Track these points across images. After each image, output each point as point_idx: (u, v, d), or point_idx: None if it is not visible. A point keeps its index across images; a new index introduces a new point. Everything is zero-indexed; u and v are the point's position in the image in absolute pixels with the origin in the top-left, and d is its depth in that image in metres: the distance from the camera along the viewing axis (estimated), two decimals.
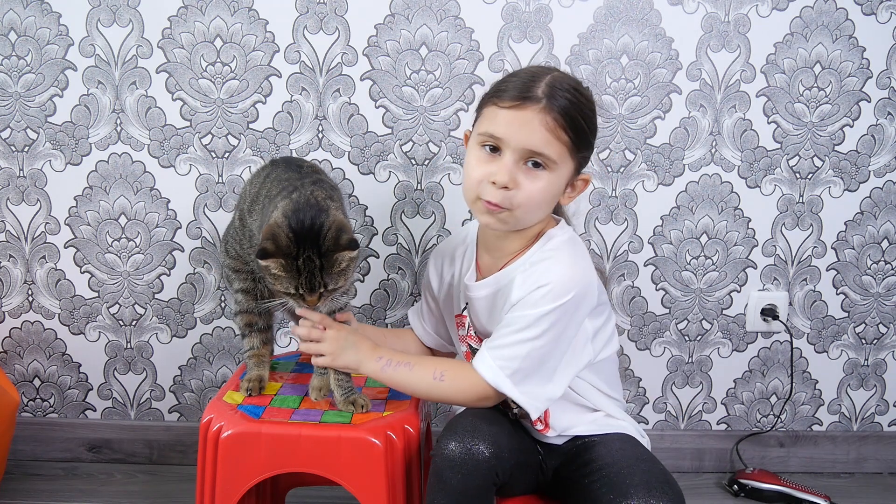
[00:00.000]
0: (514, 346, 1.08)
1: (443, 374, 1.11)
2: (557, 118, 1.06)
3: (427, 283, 1.34)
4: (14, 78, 1.58)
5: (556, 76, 1.10)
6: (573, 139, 1.08)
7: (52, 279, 1.67)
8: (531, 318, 1.07)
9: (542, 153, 1.07)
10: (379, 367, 1.13)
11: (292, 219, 1.05)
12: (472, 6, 1.56)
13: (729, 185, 1.66)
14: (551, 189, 1.10)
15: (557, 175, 1.10)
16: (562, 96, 1.07)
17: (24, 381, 1.73)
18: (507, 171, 1.07)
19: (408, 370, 1.13)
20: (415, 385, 1.14)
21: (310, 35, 1.57)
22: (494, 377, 1.09)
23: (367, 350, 1.15)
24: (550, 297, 1.07)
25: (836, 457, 1.80)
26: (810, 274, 1.72)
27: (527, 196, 1.08)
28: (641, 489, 1.00)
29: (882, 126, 1.66)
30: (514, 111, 1.07)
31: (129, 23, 1.56)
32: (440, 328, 1.36)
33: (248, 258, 1.26)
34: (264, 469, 1.12)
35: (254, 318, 1.29)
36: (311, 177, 1.19)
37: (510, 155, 1.08)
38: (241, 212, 1.27)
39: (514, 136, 1.07)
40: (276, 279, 1.07)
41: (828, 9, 1.59)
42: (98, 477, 1.69)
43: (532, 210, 1.10)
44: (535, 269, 1.11)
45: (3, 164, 1.62)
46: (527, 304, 1.08)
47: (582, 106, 1.09)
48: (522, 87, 1.08)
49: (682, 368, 1.75)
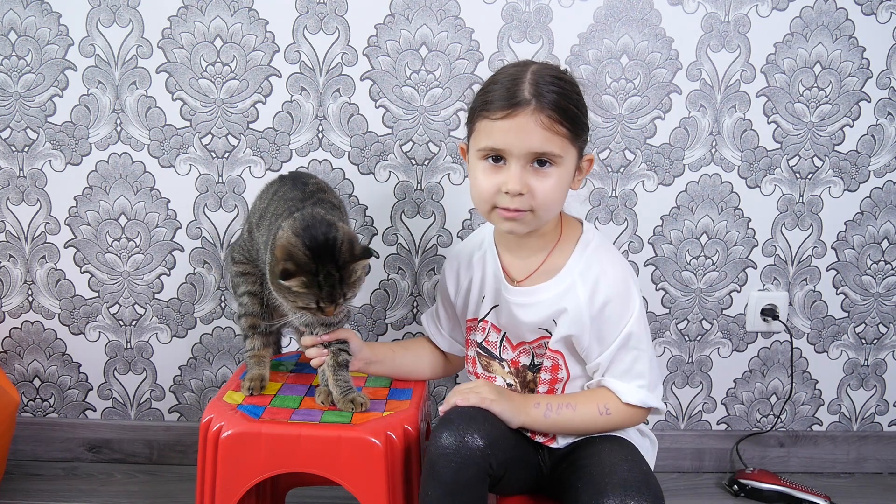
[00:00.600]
0: (637, 364, 1.14)
1: (607, 408, 1.14)
2: (551, 114, 1.07)
3: (443, 289, 1.33)
4: (14, 78, 1.58)
5: (536, 70, 1.10)
6: (570, 129, 1.09)
7: (52, 279, 1.67)
8: (625, 334, 1.13)
9: (545, 152, 1.08)
10: (541, 414, 1.14)
11: (305, 236, 1.08)
12: (472, 6, 1.56)
13: (729, 185, 1.66)
14: (563, 182, 1.12)
15: (565, 167, 1.11)
16: (548, 91, 1.08)
17: (24, 381, 1.73)
18: (517, 179, 1.08)
19: (571, 411, 1.14)
20: (581, 424, 1.16)
21: (310, 35, 1.57)
22: (644, 399, 1.14)
23: (521, 398, 1.16)
24: (623, 305, 1.13)
25: (836, 457, 1.80)
26: (810, 274, 1.72)
27: (543, 196, 1.10)
28: (619, 488, 1.00)
29: (882, 126, 1.66)
30: (507, 120, 1.08)
31: (129, 23, 1.56)
32: (457, 333, 1.35)
33: (259, 263, 1.27)
34: (264, 469, 1.12)
35: (257, 321, 1.30)
36: (314, 196, 1.21)
37: (516, 162, 1.09)
38: (251, 224, 1.29)
39: (515, 144, 1.08)
40: (297, 296, 1.08)
41: (828, 9, 1.59)
42: (98, 477, 1.69)
43: (551, 206, 1.13)
44: (590, 275, 1.15)
45: (3, 164, 1.62)
46: (611, 323, 1.14)
47: (569, 93, 1.10)
48: (508, 93, 1.09)
49: (682, 368, 1.75)
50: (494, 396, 1.11)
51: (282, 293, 1.11)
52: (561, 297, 1.16)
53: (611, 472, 1.04)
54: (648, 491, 1.01)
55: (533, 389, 1.21)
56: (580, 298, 1.14)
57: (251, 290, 1.29)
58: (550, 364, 1.18)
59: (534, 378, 1.21)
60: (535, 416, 1.13)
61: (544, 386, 1.19)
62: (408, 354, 1.34)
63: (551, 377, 1.19)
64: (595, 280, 1.14)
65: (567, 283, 1.16)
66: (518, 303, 1.19)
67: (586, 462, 1.10)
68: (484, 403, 1.09)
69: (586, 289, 1.14)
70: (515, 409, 1.12)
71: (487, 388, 1.13)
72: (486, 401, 1.09)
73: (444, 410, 1.09)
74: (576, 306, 1.14)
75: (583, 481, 1.06)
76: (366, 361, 1.26)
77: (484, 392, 1.11)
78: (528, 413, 1.13)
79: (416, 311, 1.70)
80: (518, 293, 1.20)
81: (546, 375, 1.19)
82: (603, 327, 1.14)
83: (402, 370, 1.32)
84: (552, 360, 1.18)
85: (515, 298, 1.20)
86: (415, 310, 1.70)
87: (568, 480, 1.11)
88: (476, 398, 1.09)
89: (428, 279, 1.69)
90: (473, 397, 1.09)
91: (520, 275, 1.21)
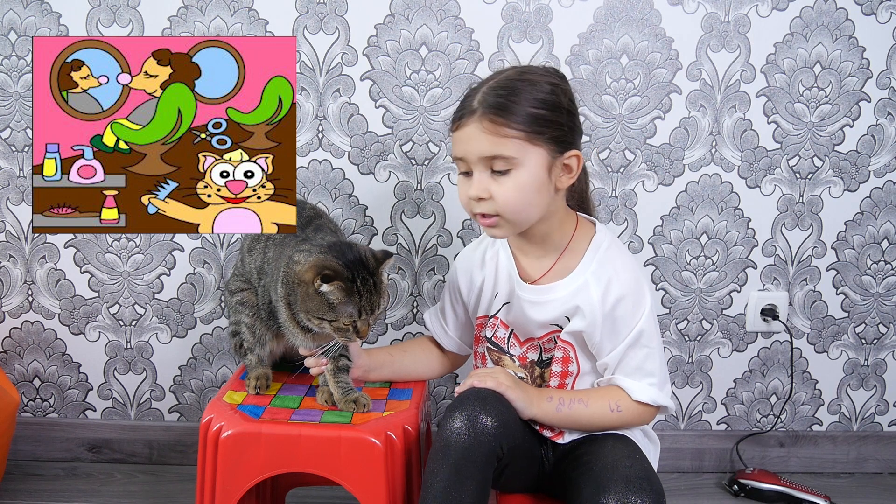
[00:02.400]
0: (647, 362, 1.15)
1: (619, 405, 1.16)
2: (493, 118, 1.09)
3: (454, 288, 1.34)
4: (14, 78, 1.58)
5: (497, 78, 1.13)
6: (524, 129, 1.09)
7: (52, 279, 1.67)
8: (637, 332, 1.14)
9: (496, 156, 1.10)
10: (553, 408, 1.15)
11: (331, 253, 1.11)
12: (472, 6, 1.56)
13: (729, 185, 1.66)
14: (526, 184, 1.11)
15: (526, 168, 1.11)
16: (495, 95, 1.10)
17: (24, 381, 1.73)
18: (477, 185, 1.13)
19: (583, 406, 1.16)
20: (592, 420, 1.16)
21: (310, 35, 1.57)
22: (654, 397, 1.16)
23: (535, 391, 1.17)
24: (635, 303, 1.15)
25: (836, 457, 1.80)
26: (810, 274, 1.72)
27: (503, 199, 1.11)
28: (620, 485, 1.01)
29: (882, 126, 1.66)
30: (459, 131, 1.13)
31: (129, 23, 1.56)
32: (464, 333, 1.36)
33: (255, 284, 1.29)
34: (264, 469, 1.12)
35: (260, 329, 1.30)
36: (313, 223, 1.24)
37: (476, 170, 1.13)
38: (242, 252, 1.34)
39: (467, 152, 1.12)
40: (335, 310, 1.09)
41: (828, 9, 1.59)
42: (98, 477, 1.69)
43: (519, 209, 1.13)
44: (603, 274, 1.16)
45: (3, 164, 1.62)
46: (623, 320, 1.15)
47: (522, 93, 1.10)
48: (461, 106, 1.14)
49: (682, 368, 1.75)
50: (510, 383, 1.12)
51: (317, 312, 1.10)
52: (574, 296, 1.17)
53: (613, 468, 1.05)
54: (650, 487, 1.01)
55: (541, 385, 1.22)
56: (593, 298, 1.15)
57: (244, 300, 1.30)
58: (562, 356, 1.19)
59: (542, 373, 1.22)
60: (548, 409, 1.14)
61: (555, 379, 1.20)
62: (406, 357, 1.35)
63: (562, 370, 1.20)
64: (608, 280, 1.16)
65: (580, 283, 1.17)
66: (531, 300, 1.21)
67: (589, 458, 1.11)
68: (500, 388, 1.10)
69: (599, 288, 1.16)
70: (529, 399, 1.13)
71: (504, 374, 1.15)
72: (503, 386, 1.11)
73: (460, 391, 1.11)
74: (589, 305, 1.15)
75: (585, 477, 1.07)
76: (365, 369, 1.27)
77: (501, 377, 1.13)
78: (540, 405, 1.14)
79: (416, 311, 1.70)
80: (531, 291, 1.21)
81: (557, 368, 1.20)
82: (615, 324, 1.15)
83: (402, 373, 1.33)
84: (563, 350, 1.19)
85: (528, 296, 1.21)
86: (415, 310, 1.70)
87: (570, 476, 1.12)
88: (493, 382, 1.11)
89: (428, 279, 1.69)
90: (490, 381, 1.11)
91: (534, 273, 1.22)
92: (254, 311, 1.28)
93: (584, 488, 1.05)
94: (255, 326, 1.27)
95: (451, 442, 1.02)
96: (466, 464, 1.01)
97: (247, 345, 1.28)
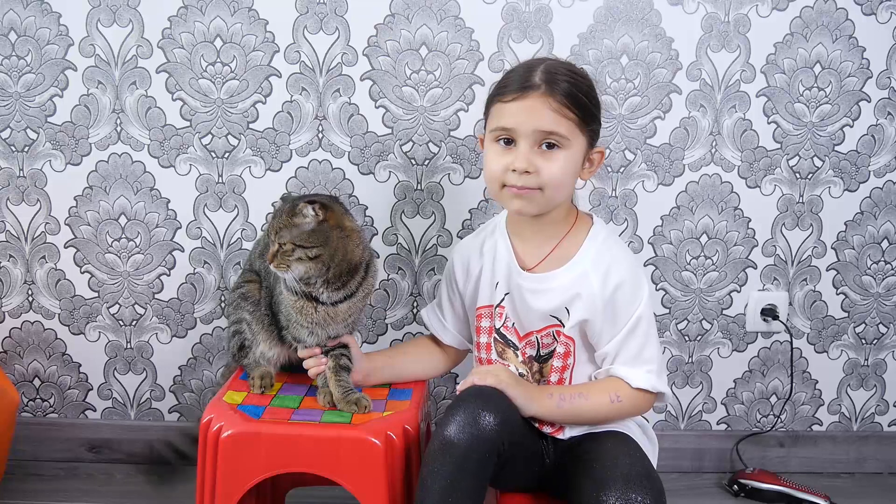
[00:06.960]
0: (645, 349, 1.17)
1: (618, 396, 1.17)
2: (560, 98, 1.13)
3: (451, 280, 1.34)
4: (14, 78, 1.58)
5: (550, 63, 1.18)
6: (579, 115, 1.14)
7: (52, 279, 1.67)
8: (636, 318, 1.17)
9: (553, 132, 1.13)
10: (554, 404, 1.16)
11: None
12: (472, 6, 1.56)
13: (729, 185, 1.66)
14: (570, 165, 1.16)
15: (572, 151, 1.15)
16: (560, 79, 1.14)
17: (24, 381, 1.73)
18: (525, 158, 1.14)
19: (584, 400, 1.17)
20: (594, 413, 1.18)
21: (310, 35, 1.57)
22: (653, 383, 1.17)
23: (536, 388, 1.19)
24: (633, 290, 1.17)
25: (836, 457, 1.80)
26: (810, 274, 1.72)
27: (549, 175, 1.14)
28: (620, 482, 1.02)
29: (882, 126, 1.66)
30: (518, 102, 1.14)
31: (129, 23, 1.56)
32: (463, 327, 1.36)
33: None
34: (264, 469, 1.12)
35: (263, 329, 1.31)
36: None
37: (524, 142, 1.14)
38: (252, 256, 1.37)
39: (524, 122, 1.13)
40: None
41: (828, 9, 1.59)
42: (98, 477, 1.69)
43: (557, 188, 1.16)
44: (601, 262, 1.18)
45: (3, 164, 1.62)
46: (622, 306, 1.17)
47: (580, 83, 1.16)
48: (521, 79, 1.15)
49: (682, 368, 1.75)
50: (511, 381, 1.13)
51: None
52: (574, 284, 1.18)
53: (613, 466, 1.06)
54: (650, 485, 1.02)
55: (539, 380, 1.23)
56: (593, 285, 1.17)
57: (247, 292, 1.30)
58: (563, 350, 1.20)
59: (540, 368, 1.23)
60: (549, 405, 1.15)
61: (556, 374, 1.21)
62: (406, 358, 1.35)
63: (562, 364, 1.21)
64: (607, 267, 1.17)
65: (579, 271, 1.19)
66: (531, 289, 1.21)
67: (589, 456, 1.11)
68: (500, 385, 1.11)
69: (598, 275, 1.17)
70: (530, 397, 1.14)
71: (505, 372, 1.16)
72: (503, 383, 1.12)
73: (461, 389, 1.12)
74: (589, 292, 1.17)
75: (585, 475, 1.07)
76: (365, 374, 1.27)
77: (502, 375, 1.14)
78: (541, 402, 1.15)
79: (417, 311, 1.70)
80: (531, 279, 1.22)
81: (558, 363, 1.21)
82: (615, 311, 1.17)
83: (402, 374, 1.33)
84: (565, 346, 1.20)
85: (528, 284, 1.22)
86: (415, 310, 1.70)
87: (570, 474, 1.12)
88: (493, 379, 1.12)
89: (428, 279, 1.69)
90: (491, 378, 1.12)
91: (532, 261, 1.23)
92: (256, 306, 1.28)
93: (585, 486, 1.05)
94: (258, 321, 1.28)
95: (453, 439, 1.02)
96: (468, 461, 1.02)
97: (248, 343, 1.28)
